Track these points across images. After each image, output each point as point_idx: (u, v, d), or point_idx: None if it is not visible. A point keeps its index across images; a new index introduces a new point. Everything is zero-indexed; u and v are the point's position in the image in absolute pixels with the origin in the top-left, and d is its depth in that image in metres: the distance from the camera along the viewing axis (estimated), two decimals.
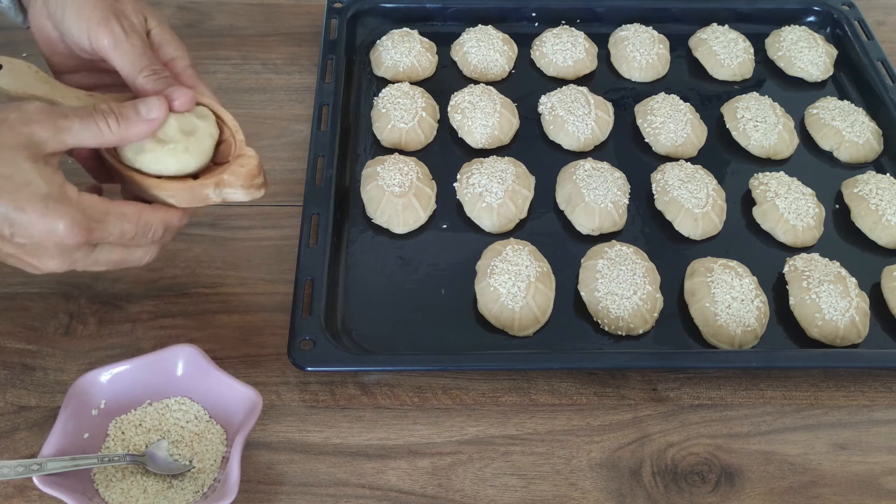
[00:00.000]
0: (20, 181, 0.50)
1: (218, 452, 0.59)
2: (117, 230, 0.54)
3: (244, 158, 0.59)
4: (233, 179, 0.58)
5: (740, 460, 0.62)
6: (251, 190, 0.59)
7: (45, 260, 0.53)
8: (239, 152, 0.59)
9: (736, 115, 0.85)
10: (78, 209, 0.52)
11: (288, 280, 0.69)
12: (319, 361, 0.63)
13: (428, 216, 0.76)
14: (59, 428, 0.56)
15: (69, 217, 0.51)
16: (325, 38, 0.89)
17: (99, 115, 0.53)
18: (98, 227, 0.53)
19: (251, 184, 0.59)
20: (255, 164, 0.59)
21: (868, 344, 0.69)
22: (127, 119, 0.54)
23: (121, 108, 0.54)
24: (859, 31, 0.95)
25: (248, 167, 0.58)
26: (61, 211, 0.51)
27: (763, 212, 0.77)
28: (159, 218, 0.57)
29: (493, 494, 0.59)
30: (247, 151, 0.59)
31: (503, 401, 0.64)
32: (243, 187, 0.59)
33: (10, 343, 0.66)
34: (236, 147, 0.59)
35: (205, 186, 0.58)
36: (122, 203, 0.55)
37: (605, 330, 0.68)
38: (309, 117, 0.83)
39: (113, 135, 0.53)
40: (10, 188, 0.50)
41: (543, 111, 0.85)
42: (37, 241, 0.52)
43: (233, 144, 0.60)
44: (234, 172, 0.58)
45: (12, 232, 0.51)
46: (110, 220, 0.54)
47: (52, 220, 0.51)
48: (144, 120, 0.54)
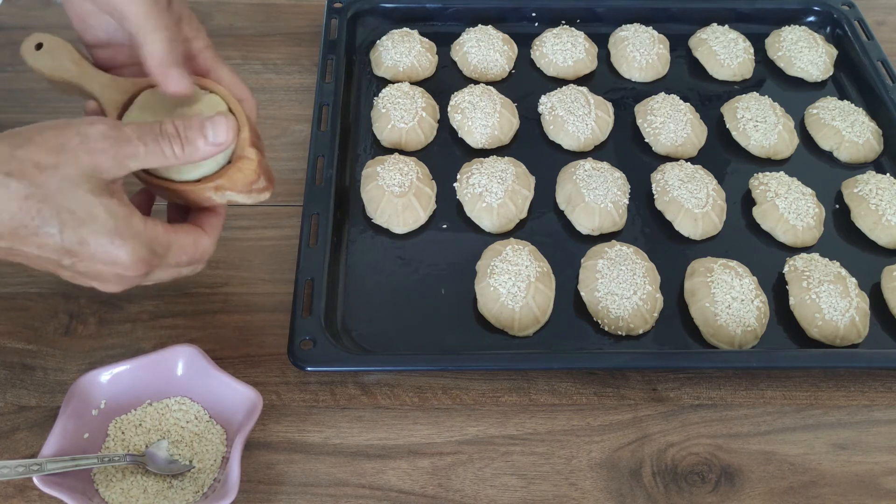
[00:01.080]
0: (84, 216, 0.49)
1: (218, 452, 0.59)
2: (175, 260, 0.54)
3: (243, 161, 0.56)
4: (229, 184, 0.56)
5: (740, 460, 0.62)
6: (251, 194, 0.58)
7: (103, 284, 0.53)
8: (239, 153, 0.56)
9: (736, 115, 0.85)
10: (142, 243, 0.51)
11: (288, 280, 0.69)
12: (319, 361, 0.63)
13: (428, 216, 0.76)
14: (59, 428, 0.56)
15: (134, 252, 0.50)
16: (325, 38, 0.89)
17: (164, 140, 0.51)
18: (160, 260, 0.53)
19: (250, 189, 0.57)
20: (253, 169, 0.56)
21: (868, 344, 0.69)
22: (192, 144, 0.52)
23: (187, 130, 0.52)
24: (859, 31, 0.95)
25: (245, 172, 0.56)
26: (126, 246, 0.50)
27: (763, 212, 0.77)
28: (213, 243, 0.57)
29: (493, 494, 0.59)
30: (247, 153, 0.56)
31: (503, 401, 0.64)
32: (241, 192, 0.57)
33: (10, 343, 0.66)
34: (238, 146, 0.57)
35: (205, 190, 0.56)
36: (182, 233, 0.54)
37: (605, 330, 0.68)
38: (309, 117, 0.83)
39: (177, 160, 0.52)
40: (74, 223, 0.48)
41: (543, 111, 0.85)
42: (97, 270, 0.51)
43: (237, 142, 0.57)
44: (231, 178, 0.56)
45: (73, 262, 0.50)
46: (172, 251, 0.53)
47: (116, 255, 0.50)
48: (211, 144, 0.53)
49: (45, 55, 0.57)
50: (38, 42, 0.58)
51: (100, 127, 0.50)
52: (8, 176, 0.47)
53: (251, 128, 0.58)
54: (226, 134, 0.53)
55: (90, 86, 0.57)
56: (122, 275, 0.52)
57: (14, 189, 0.47)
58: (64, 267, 0.51)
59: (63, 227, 0.48)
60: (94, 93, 0.57)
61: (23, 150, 0.47)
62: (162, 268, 0.54)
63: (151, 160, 0.51)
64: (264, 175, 0.58)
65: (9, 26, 0.91)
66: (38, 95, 0.84)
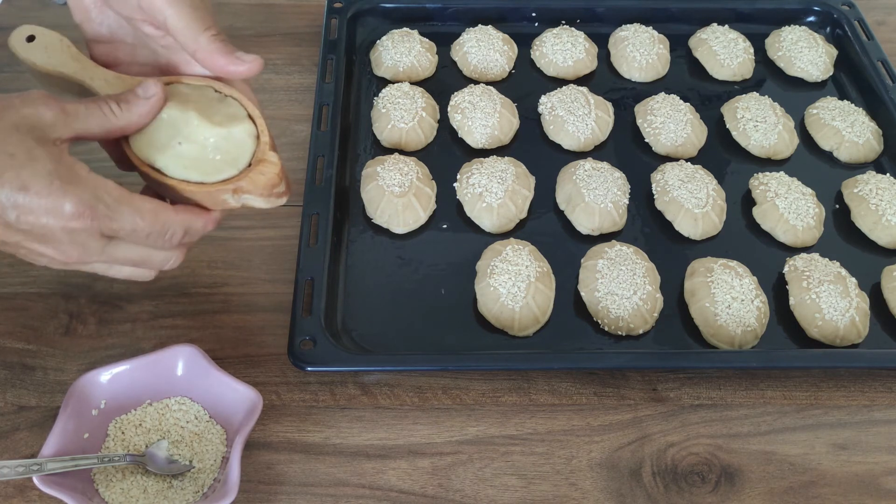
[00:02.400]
0: (24, 159, 0.47)
1: (218, 452, 0.59)
2: (129, 224, 0.51)
3: (265, 165, 0.55)
4: (251, 187, 0.55)
5: (740, 460, 0.62)
6: (271, 198, 0.56)
7: (56, 247, 0.50)
8: (260, 157, 0.55)
9: (736, 115, 0.85)
10: (87, 189, 0.48)
11: (288, 280, 0.69)
12: (319, 361, 0.63)
13: (428, 216, 0.76)
14: (59, 428, 0.56)
15: (76, 196, 0.48)
16: (325, 38, 0.89)
17: (102, 101, 0.52)
18: (109, 213, 0.49)
19: (270, 192, 0.56)
20: (276, 173, 0.55)
21: (868, 344, 0.69)
22: (127, 102, 0.52)
23: (120, 94, 0.53)
24: (859, 31, 0.95)
25: (268, 175, 0.55)
26: (68, 189, 0.48)
27: (763, 212, 0.77)
28: (179, 220, 0.53)
29: (493, 494, 0.59)
30: (269, 157, 0.55)
31: (503, 401, 0.64)
32: (262, 196, 0.55)
33: (10, 343, 0.66)
34: (259, 150, 0.55)
35: (222, 192, 0.54)
36: (140, 197, 0.52)
37: (605, 330, 0.68)
38: (309, 117, 0.83)
39: (119, 119, 0.52)
40: (14, 165, 0.46)
41: (543, 111, 0.85)
42: (42, 223, 0.48)
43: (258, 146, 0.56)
44: (253, 180, 0.55)
45: (17, 215, 0.47)
46: (123, 210, 0.50)
47: (58, 199, 0.47)
48: (144, 99, 0.53)
49: (39, 48, 0.56)
50: (29, 34, 0.56)
51: (40, 92, 0.50)
52: None
53: (270, 135, 0.57)
54: (154, 87, 0.53)
55: (92, 82, 0.56)
56: (68, 226, 0.48)
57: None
58: (10, 226, 0.48)
59: (3, 171, 0.46)
60: (97, 89, 0.56)
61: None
62: (121, 242, 0.52)
63: (93, 121, 0.51)
64: (285, 179, 0.57)
65: (8, 26, 0.90)
66: None
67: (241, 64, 0.54)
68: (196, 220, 0.55)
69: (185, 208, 0.54)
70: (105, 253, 0.52)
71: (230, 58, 0.54)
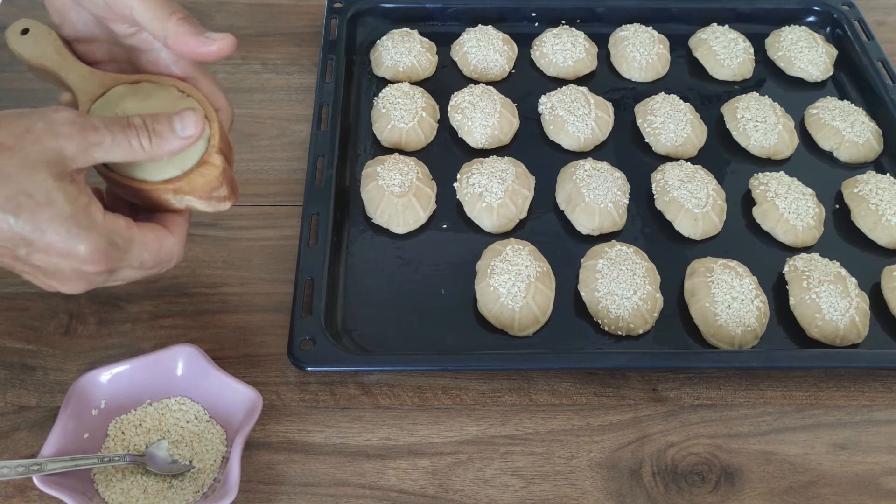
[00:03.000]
0: (42, 200, 0.46)
1: (218, 452, 0.59)
2: (138, 259, 0.52)
3: (206, 167, 0.54)
4: (189, 188, 0.54)
5: (740, 460, 0.62)
6: (212, 202, 0.55)
7: (63, 282, 0.51)
8: (205, 159, 0.54)
9: (736, 115, 0.85)
10: (102, 235, 0.49)
11: (288, 280, 0.69)
12: (319, 361, 0.63)
13: (428, 216, 0.76)
14: (59, 428, 0.56)
15: (91, 244, 0.48)
16: (325, 38, 0.89)
17: (132, 132, 0.49)
18: (120, 255, 0.50)
19: (210, 196, 0.55)
20: (216, 176, 0.54)
21: (868, 344, 0.69)
22: (160, 137, 0.50)
23: (154, 123, 0.50)
24: (859, 31, 0.95)
25: (207, 178, 0.54)
26: (84, 236, 0.48)
27: (763, 212, 0.77)
28: (179, 243, 0.54)
29: (493, 494, 0.59)
30: (212, 160, 0.55)
31: (503, 401, 0.64)
32: (201, 198, 0.55)
33: (10, 343, 0.66)
34: (206, 152, 0.55)
35: (164, 192, 0.54)
36: (146, 230, 0.52)
37: (605, 330, 0.68)
38: (309, 117, 0.83)
39: (145, 153, 0.50)
40: (31, 207, 0.46)
41: (543, 111, 0.85)
42: (54, 263, 0.49)
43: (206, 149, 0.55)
44: (192, 182, 0.54)
45: (28, 252, 0.48)
46: (133, 248, 0.51)
47: (73, 245, 0.48)
48: (179, 138, 0.51)
49: (29, 40, 0.57)
50: (24, 27, 0.57)
51: (66, 114, 0.48)
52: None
53: (222, 136, 0.56)
54: (194, 127, 0.51)
55: (67, 75, 0.56)
56: (80, 269, 0.49)
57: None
58: (19, 259, 0.48)
59: (19, 211, 0.46)
60: (70, 83, 0.56)
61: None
62: (125, 267, 0.52)
63: (118, 151, 0.49)
64: (227, 184, 0.56)
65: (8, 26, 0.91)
66: (39, 95, 0.83)
67: (211, 43, 0.53)
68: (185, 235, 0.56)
69: (179, 229, 0.55)
70: (109, 282, 0.53)
71: (200, 38, 0.53)
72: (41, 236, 0.47)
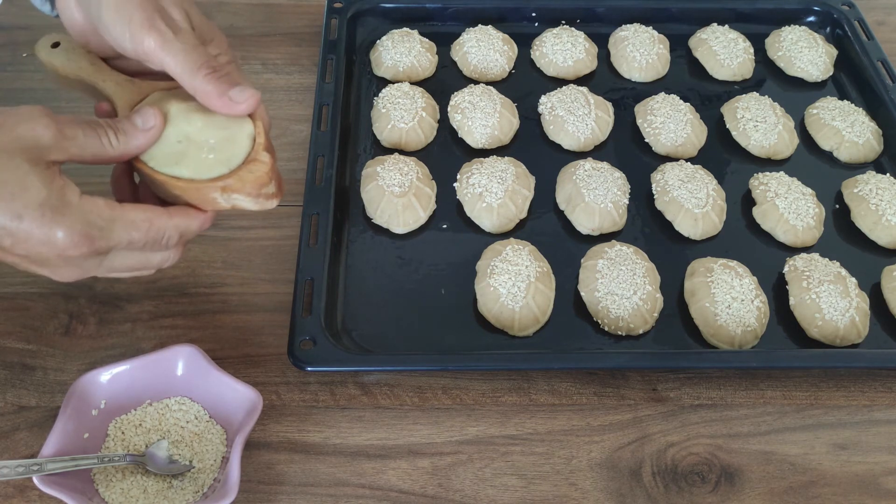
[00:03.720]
0: (16, 187, 0.46)
1: (218, 452, 0.59)
2: (125, 238, 0.51)
3: (255, 164, 0.54)
4: (239, 185, 0.54)
5: (740, 460, 0.62)
6: (259, 199, 0.55)
7: (53, 270, 0.51)
8: (253, 156, 0.55)
9: (736, 115, 0.85)
10: (78, 217, 0.48)
11: (288, 280, 0.69)
12: (319, 361, 0.63)
13: (428, 216, 0.76)
14: (58, 428, 0.56)
15: (67, 226, 0.48)
16: (325, 38, 0.90)
17: (101, 129, 0.51)
18: (102, 235, 0.50)
19: (259, 192, 0.55)
20: (265, 172, 0.54)
21: (868, 344, 0.69)
22: (125, 133, 0.52)
23: (119, 123, 0.52)
24: (859, 31, 0.95)
25: (257, 174, 0.54)
26: (59, 220, 0.48)
27: (763, 212, 0.77)
28: (173, 224, 0.53)
29: (493, 494, 0.59)
30: (260, 157, 0.55)
31: (503, 401, 0.64)
32: (250, 195, 0.55)
33: (10, 343, 0.66)
34: (253, 150, 0.55)
35: (211, 189, 0.54)
36: (130, 209, 0.51)
37: (605, 330, 0.68)
38: (309, 117, 0.83)
39: (115, 149, 0.51)
40: (6, 195, 0.46)
41: (543, 111, 0.85)
42: (37, 251, 0.48)
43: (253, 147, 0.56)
44: (242, 178, 0.54)
45: (12, 242, 0.48)
46: (116, 227, 0.50)
47: (50, 230, 0.47)
48: (142, 131, 0.52)
49: (61, 53, 0.58)
50: (55, 41, 0.58)
51: (40, 108, 0.49)
52: None
53: (266, 136, 0.57)
54: (153, 118, 0.53)
55: (104, 84, 0.57)
56: (64, 255, 0.49)
57: None
58: (5, 249, 0.49)
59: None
60: (108, 91, 0.57)
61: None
62: (118, 252, 0.52)
63: (90, 146, 0.50)
64: (275, 181, 0.56)
65: (9, 26, 0.91)
66: (38, 95, 0.84)
67: (234, 106, 0.54)
68: (191, 222, 0.54)
69: (178, 211, 0.54)
70: (103, 267, 0.52)
71: (223, 100, 0.54)
72: (19, 224, 0.47)
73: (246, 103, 0.54)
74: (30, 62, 0.86)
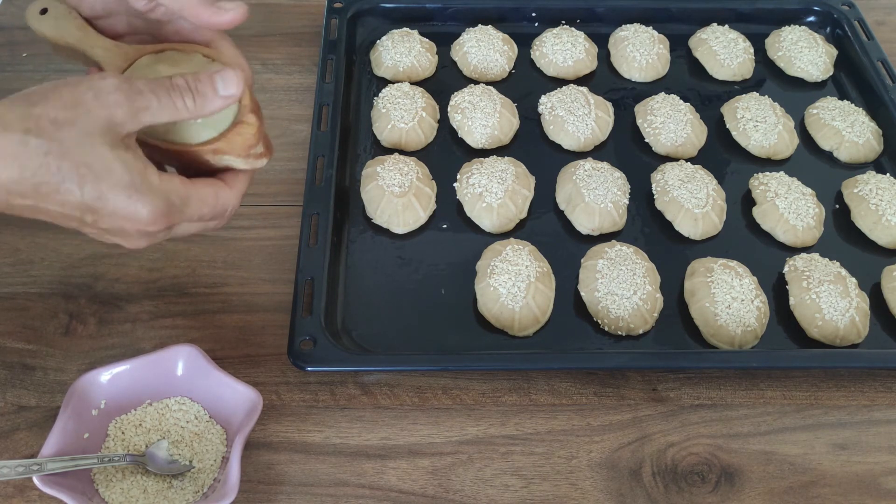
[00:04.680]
0: (101, 170, 0.49)
1: (218, 452, 0.59)
2: (196, 214, 0.54)
3: (242, 126, 0.56)
4: (228, 148, 0.56)
5: (740, 460, 0.62)
6: (249, 159, 0.57)
7: (127, 240, 0.54)
8: (239, 118, 0.56)
9: (736, 115, 0.85)
10: (160, 196, 0.51)
11: (288, 280, 0.69)
12: (319, 361, 0.63)
13: (428, 216, 0.76)
14: (58, 428, 0.56)
15: (152, 206, 0.51)
16: (325, 38, 0.90)
17: (176, 93, 0.52)
18: (179, 212, 0.53)
19: (248, 153, 0.57)
20: (253, 133, 0.56)
21: (868, 344, 0.69)
22: (203, 96, 0.53)
23: (197, 83, 0.53)
24: (859, 31, 0.95)
25: (244, 136, 0.56)
26: (144, 200, 0.50)
27: (763, 212, 0.77)
28: (236, 194, 0.57)
29: (493, 494, 0.59)
30: (247, 119, 0.57)
31: (503, 401, 0.64)
32: (239, 156, 0.57)
33: (10, 343, 0.66)
34: (239, 112, 0.57)
35: (204, 153, 0.56)
36: (201, 185, 0.55)
37: (605, 330, 0.68)
38: (309, 117, 0.83)
39: (189, 112, 0.52)
40: (92, 178, 0.49)
41: (543, 111, 0.85)
42: (119, 226, 0.51)
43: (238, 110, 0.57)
44: (230, 141, 0.56)
45: (95, 219, 0.51)
46: (191, 203, 0.53)
47: (136, 210, 0.50)
48: (221, 97, 0.53)
49: (50, 19, 0.58)
50: (43, 7, 0.59)
51: (111, 80, 0.50)
52: (27, 133, 0.47)
53: (251, 97, 0.58)
54: (236, 86, 0.53)
55: (92, 51, 0.58)
56: (143, 230, 0.52)
57: (34, 146, 0.47)
58: (87, 224, 0.51)
59: (82, 182, 0.49)
60: (97, 57, 0.58)
61: (39, 108, 0.48)
62: (184, 222, 0.55)
63: (164, 113, 0.51)
64: (263, 141, 0.58)
65: (9, 26, 0.91)
66: None
67: (223, 14, 0.56)
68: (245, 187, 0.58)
69: (236, 181, 0.57)
70: (170, 235, 0.55)
71: (212, 10, 0.56)
72: (105, 204, 0.50)
73: (235, 11, 0.56)
74: (29, 62, 0.86)
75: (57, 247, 0.72)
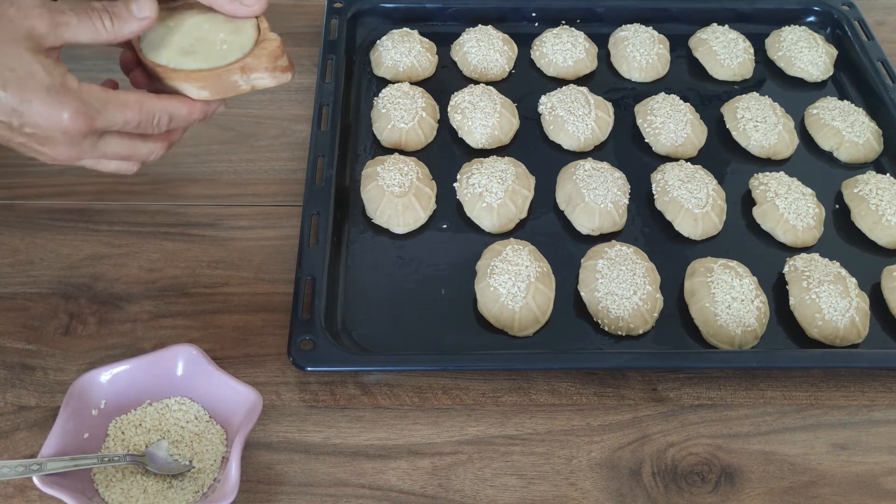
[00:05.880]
0: (24, 73, 0.51)
1: (218, 452, 0.59)
2: (120, 118, 0.55)
3: (266, 42, 0.60)
4: (256, 63, 0.58)
5: (740, 460, 0.62)
6: (276, 73, 0.60)
7: (54, 148, 0.55)
8: (262, 37, 0.60)
9: (736, 115, 0.85)
10: (79, 98, 0.53)
11: (288, 280, 0.69)
12: (319, 361, 0.63)
13: (428, 216, 0.76)
14: (58, 428, 0.56)
15: (72, 106, 0.53)
16: (325, 38, 0.90)
17: (94, 14, 0.54)
18: (100, 115, 0.54)
19: (275, 66, 0.59)
20: (277, 45, 0.59)
21: (868, 344, 0.69)
22: (120, 18, 0.55)
23: (114, 6, 0.55)
24: (859, 31, 0.95)
25: (270, 49, 0.59)
26: (64, 100, 0.52)
27: (763, 212, 0.77)
28: (163, 107, 0.57)
29: (493, 494, 0.59)
30: (269, 36, 0.60)
31: (503, 401, 0.64)
32: (268, 70, 0.59)
33: (10, 343, 0.66)
34: (260, 33, 0.60)
35: (231, 73, 0.58)
36: (123, 92, 0.56)
37: (605, 330, 0.68)
38: (309, 117, 0.83)
39: (108, 33, 0.54)
40: (16, 80, 0.51)
41: (543, 111, 0.85)
42: (44, 129, 0.53)
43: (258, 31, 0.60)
44: (257, 55, 0.59)
45: (21, 123, 0.53)
46: (111, 107, 0.55)
47: (57, 110, 0.52)
48: (136, 19, 0.55)
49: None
50: None
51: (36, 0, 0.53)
52: None
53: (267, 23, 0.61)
54: (149, 9, 0.55)
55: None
56: (67, 132, 0.53)
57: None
58: (14, 129, 0.53)
59: (6, 85, 0.51)
60: None
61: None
62: (112, 136, 0.56)
63: (83, 31, 0.54)
64: (286, 55, 0.60)
65: None
66: None
67: (243, 9, 0.59)
68: (180, 107, 0.58)
69: (169, 96, 0.58)
70: (97, 149, 0.56)
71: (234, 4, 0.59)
72: (29, 107, 0.52)
73: (257, 4, 0.59)
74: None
75: (56, 247, 0.72)
